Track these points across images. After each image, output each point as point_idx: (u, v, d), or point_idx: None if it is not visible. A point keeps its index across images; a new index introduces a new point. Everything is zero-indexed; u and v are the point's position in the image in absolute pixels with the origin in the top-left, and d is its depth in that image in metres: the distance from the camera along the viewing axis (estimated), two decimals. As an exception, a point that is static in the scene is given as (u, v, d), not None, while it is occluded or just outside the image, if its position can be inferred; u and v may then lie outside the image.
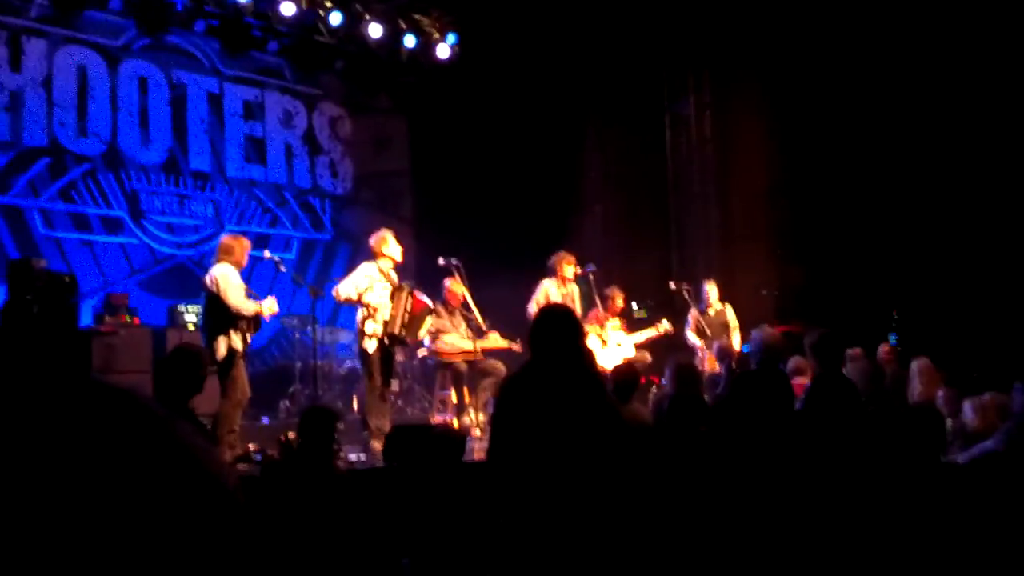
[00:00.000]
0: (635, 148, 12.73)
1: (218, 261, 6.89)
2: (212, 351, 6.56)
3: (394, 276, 7.51)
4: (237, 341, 6.71)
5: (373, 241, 7.56)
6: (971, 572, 3.89)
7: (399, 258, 7.51)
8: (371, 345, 7.31)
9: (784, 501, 4.34)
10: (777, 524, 4.24)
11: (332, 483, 4.52)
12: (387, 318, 7.31)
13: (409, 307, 7.39)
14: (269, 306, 6.93)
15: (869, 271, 11.27)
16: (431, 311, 7.75)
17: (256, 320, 6.85)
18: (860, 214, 11.21)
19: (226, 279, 6.74)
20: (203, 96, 11.30)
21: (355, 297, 7.32)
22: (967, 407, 6.03)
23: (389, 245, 7.47)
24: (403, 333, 7.39)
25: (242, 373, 6.76)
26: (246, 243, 7.10)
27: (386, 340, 7.34)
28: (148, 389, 4.75)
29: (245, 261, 7.00)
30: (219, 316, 6.73)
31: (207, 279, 6.85)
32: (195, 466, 0.62)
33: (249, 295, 7.16)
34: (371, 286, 7.33)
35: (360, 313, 7.38)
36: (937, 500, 4.49)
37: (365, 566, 4.34)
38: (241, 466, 6.36)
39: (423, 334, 7.91)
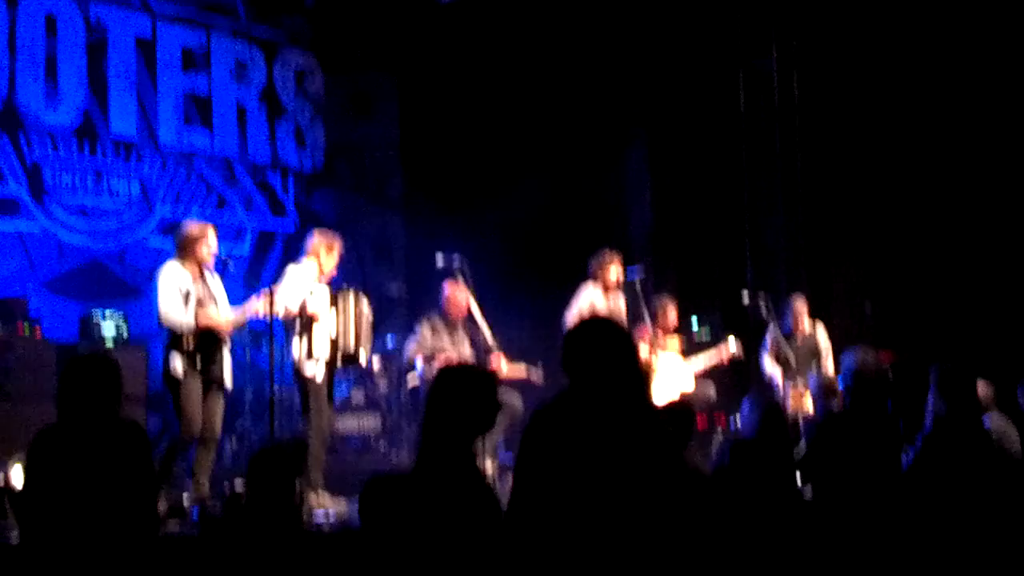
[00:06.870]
0: (697, 109, 12.60)
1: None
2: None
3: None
4: (178, 362, 6.96)
5: (316, 241, 7.67)
6: None
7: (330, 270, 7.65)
8: (316, 370, 7.32)
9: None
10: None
11: (293, 549, 4.46)
12: (333, 332, 7.39)
13: (364, 310, 7.55)
14: (251, 309, 7.24)
15: (1018, 274, 11.00)
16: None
17: (208, 337, 7.04)
18: (1007, 195, 10.94)
19: (158, 278, 7.04)
20: (130, 41, 11.30)
21: (295, 310, 7.37)
22: None
23: (331, 256, 7.62)
24: (359, 347, 7.49)
25: (191, 404, 6.96)
26: (200, 230, 7.24)
27: (339, 361, 7.45)
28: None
29: (205, 257, 7.19)
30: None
31: None
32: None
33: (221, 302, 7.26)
34: (312, 291, 7.44)
35: (297, 327, 7.43)
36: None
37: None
38: (172, 523, 6.39)
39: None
